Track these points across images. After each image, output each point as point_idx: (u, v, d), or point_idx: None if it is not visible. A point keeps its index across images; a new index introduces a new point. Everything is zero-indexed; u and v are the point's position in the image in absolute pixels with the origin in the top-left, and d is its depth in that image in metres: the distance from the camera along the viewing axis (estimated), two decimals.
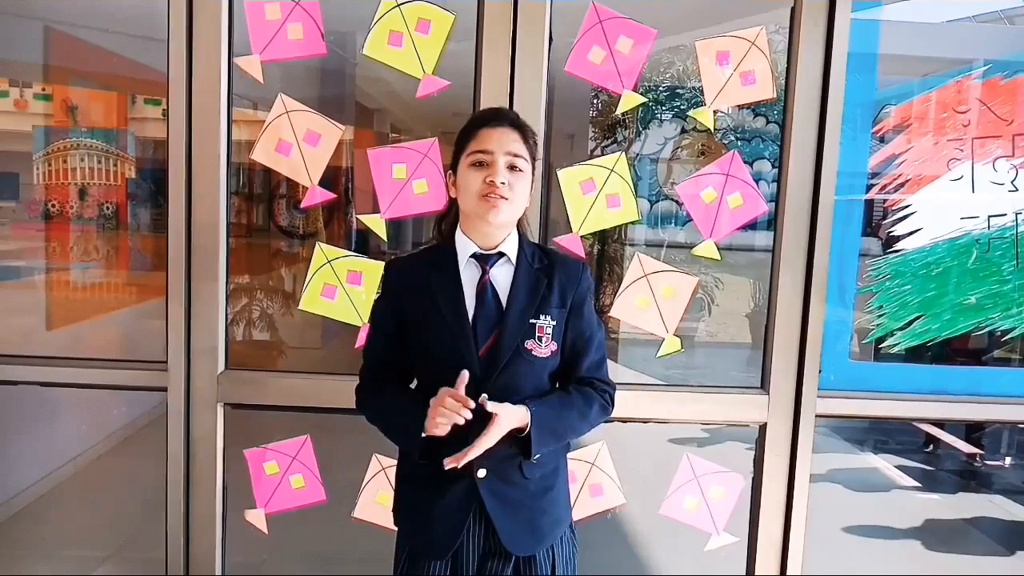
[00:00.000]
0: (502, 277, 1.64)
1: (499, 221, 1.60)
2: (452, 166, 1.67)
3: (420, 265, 1.68)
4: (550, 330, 1.62)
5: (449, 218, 1.72)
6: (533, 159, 1.65)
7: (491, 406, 1.52)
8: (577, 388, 1.68)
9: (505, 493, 1.62)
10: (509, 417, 1.55)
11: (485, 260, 1.64)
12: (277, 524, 2.46)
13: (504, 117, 1.65)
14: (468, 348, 1.59)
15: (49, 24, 3.57)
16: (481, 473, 1.60)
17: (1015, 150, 2.53)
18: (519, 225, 1.70)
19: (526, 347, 1.61)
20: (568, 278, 1.67)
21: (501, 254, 1.65)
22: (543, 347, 1.62)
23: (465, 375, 1.51)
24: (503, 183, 1.57)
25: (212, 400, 2.39)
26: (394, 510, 1.76)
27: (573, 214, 2.35)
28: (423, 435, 1.56)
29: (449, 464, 1.54)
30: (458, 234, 1.66)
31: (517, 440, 1.59)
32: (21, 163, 3.78)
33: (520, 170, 1.60)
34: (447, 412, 1.49)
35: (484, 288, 1.63)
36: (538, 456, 1.61)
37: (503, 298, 1.63)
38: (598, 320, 1.73)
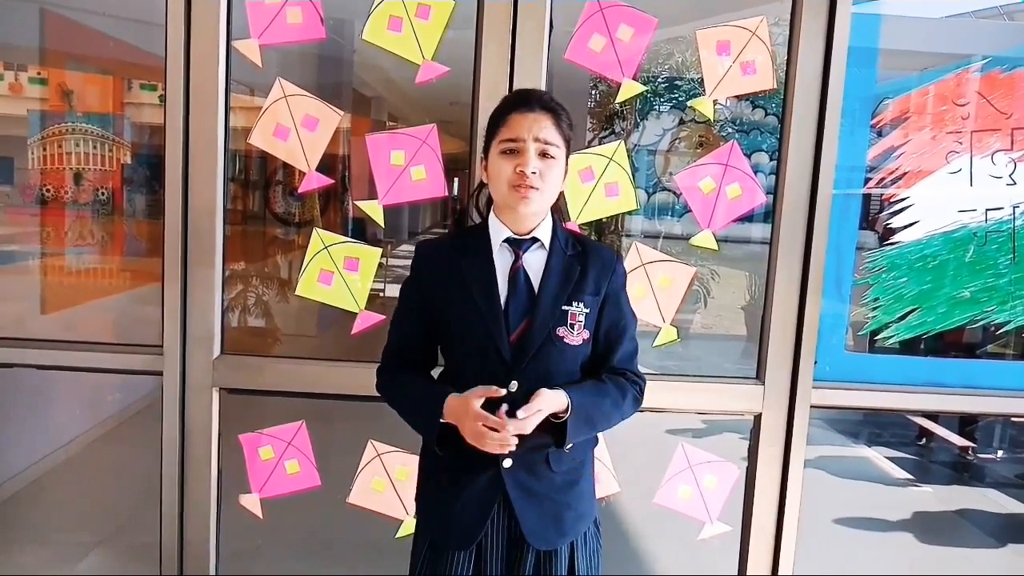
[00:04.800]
0: (535, 262, 1.62)
1: (530, 211, 1.58)
2: (484, 150, 1.63)
3: (451, 248, 1.65)
4: (582, 317, 1.60)
5: (482, 200, 1.71)
6: (567, 141, 1.60)
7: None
8: (610, 377, 1.65)
9: (530, 485, 1.60)
10: (548, 399, 1.53)
11: (518, 245, 1.61)
12: (272, 509, 2.46)
13: (535, 100, 1.59)
14: (500, 333, 1.56)
15: (45, 6, 3.54)
16: (507, 463, 1.58)
17: (1013, 144, 2.53)
18: (554, 209, 1.67)
19: (558, 334, 1.58)
20: (602, 267, 1.65)
21: (535, 239, 1.62)
22: (575, 334, 1.59)
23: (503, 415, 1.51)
24: (534, 173, 1.54)
25: (207, 385, 2.39)
26: (416, 501, 1.75)
27: (571, 202, 2.35)
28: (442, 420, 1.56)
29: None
30: (491, 218, 1.64)
31: (550, 428, 1.56)
32: (16, 147, 3.76)
33: (552, 156, 1.56)
34: (492, 443, 1.50)
35: (517, 273, 1.60)
36: (570, 445, 1.58)
37: (535, 284, 1.60)
38: (632, 312, 1.71)
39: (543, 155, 1.56)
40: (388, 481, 2.43)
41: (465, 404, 1.52)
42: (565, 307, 1.59)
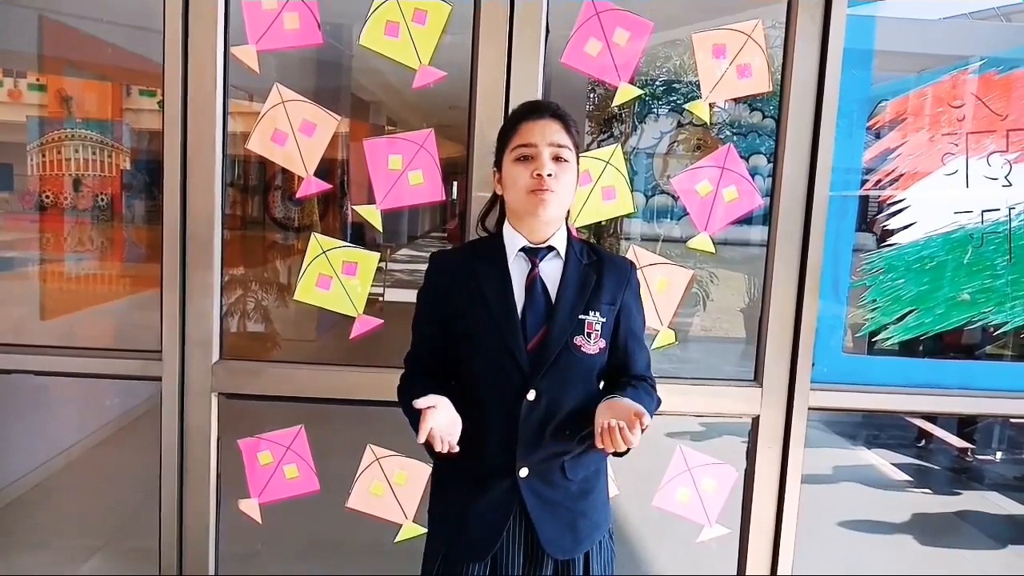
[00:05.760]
0: (551, 272, 1.62)
1: (548, 215, 1.58)
2: (496, 163, 1.65)
3: (466, 258, 1.66)
4: (599, 327, 1.60)
5: (494, 213, 1.72)
6: (577, 148, 1.62)
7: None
8: (639, 384, 1.66)
9: (547, 494, 1.60)
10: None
11: (534, 254, 1.62)
12: (271, 513, 2.46)
13: (545, 109, 1.62)
14: (517, 343, 1.56)
15: (44, 13, 3.55)
16: (523, 472, 1.58)
17: (1009, 145, 2.54)
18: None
19: (575, 343, 1.58)
20: (618, 276, 1.66)
21: (551, 248, 1.63)
22: (592, 343, 1.60)
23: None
24: (550, 175, 1.55)
25: (206, 390, 2.39)
26: (430, 513, 1.74)
27: None
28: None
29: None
30: (506, 228, 1.65)
31: (579, 438, 1.57)
32: (15, 154, 3.77)
33: (565, 160, 1.58)
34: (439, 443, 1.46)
35: (533, 282, 1.60)
36: (581, 454, 1.60)
37: (552, 293, 1.60)
38: (644, 320, 1.72)
39: (556, 159, 1.57)
40: (387, 485, 2.43)
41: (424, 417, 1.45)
42: (582, 316, 1.60)
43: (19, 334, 3.18)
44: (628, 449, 1.47)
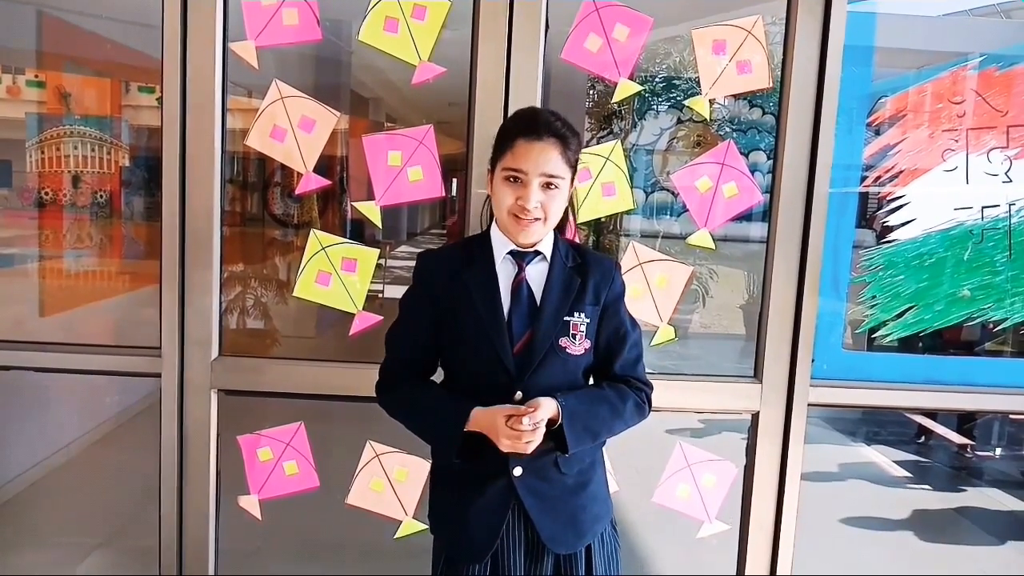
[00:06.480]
0: (536, 275, 1.63)
1: (528, 241, 1.60)
2: (491, 162, 1.64)
3: (454, 258, 1.66)
4: (584, 327, 1.62)
5: (487, 213, 1.72)
6: (573, 167, 1.61)
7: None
8: (610, 384, 1.67)
9: (543, 490, 1.61)
10: (546, 408, 1.53)
11: (521, 257, 1.63)
12: (270, 510, 2.46)
13: (544, 128, 1.56)
14: (503, 345, 1.57)
15: (43, 9, 3.54)
16: (517, 471, 1.59)
17: (1009, 141, 2.53)
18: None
19: (560, 344, 1.60)
20: (602, 277, 1.66)
21: (537, 252, 1.64)
22: (577, 344, 1.61)
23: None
24: (535, 207, 1.55)
25: (206, 386, 2.39)
26: (430, 516, 1.74)
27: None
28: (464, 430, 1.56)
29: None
30: (494, 230, 1.65)
31: (552, 435, 1.57)
32: (14, 150, 3.77)
33: (556, 187, 1.57)
34: (515, 434, 1.50)
35: (519, 285, 1.62)
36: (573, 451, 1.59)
37: (537, 295, 1.62)
38: (633, 320, 1.72)
39: (546, 186, 1.56)
40: (387, 482, 2.43)
41: (493, 421, 1.52)
42: (567, 318, 1.61)
43: (18, 330, 3.18)
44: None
